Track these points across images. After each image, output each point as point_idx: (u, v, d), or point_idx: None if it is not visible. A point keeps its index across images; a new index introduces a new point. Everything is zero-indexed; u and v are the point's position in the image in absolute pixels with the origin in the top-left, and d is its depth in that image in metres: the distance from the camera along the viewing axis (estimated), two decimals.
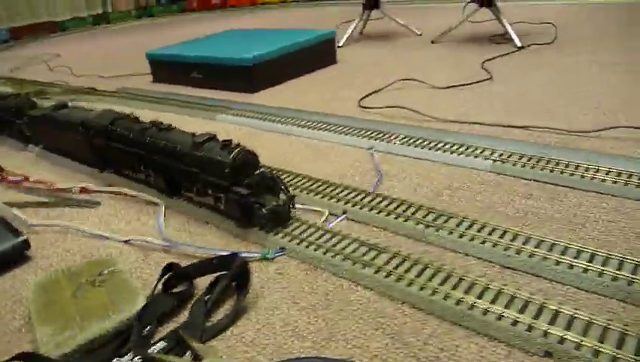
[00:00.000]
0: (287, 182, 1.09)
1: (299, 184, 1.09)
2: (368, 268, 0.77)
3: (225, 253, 0.83)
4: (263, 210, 0.89)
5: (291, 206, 0.94)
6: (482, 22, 2.61)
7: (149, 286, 0.80)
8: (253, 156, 0.93)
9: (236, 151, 0.91)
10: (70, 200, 1.19)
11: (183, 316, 0.74)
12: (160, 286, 0.78)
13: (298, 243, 0.86)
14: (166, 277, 0.78)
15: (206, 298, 0.74)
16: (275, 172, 1.03)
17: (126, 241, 0.96)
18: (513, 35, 2.19)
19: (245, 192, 0.89)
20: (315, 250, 0.84)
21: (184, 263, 0.83)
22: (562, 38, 2.20)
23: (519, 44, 2.14)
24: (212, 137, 0.98)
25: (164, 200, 1.08)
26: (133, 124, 1.14)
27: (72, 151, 1.37)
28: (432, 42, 2.49)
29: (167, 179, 1.08)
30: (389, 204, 0.95)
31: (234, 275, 0.75)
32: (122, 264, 0.88)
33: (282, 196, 0.94)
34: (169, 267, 0.80)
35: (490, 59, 1.96)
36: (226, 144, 0.93)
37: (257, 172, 0.92)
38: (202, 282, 0.79)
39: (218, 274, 0.79)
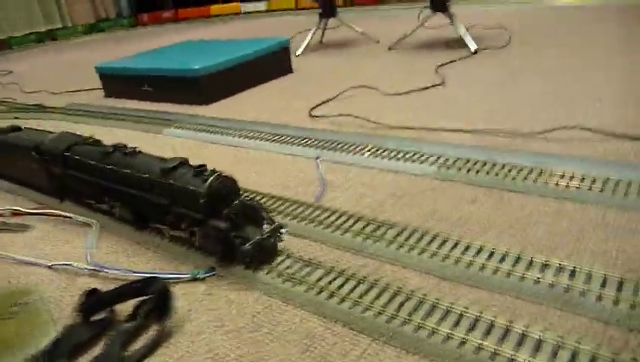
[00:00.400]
0: None
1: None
2: (300, 286, 0.73)
3: (151, 275, 0.77)
4: (247, 245, 0.76)
5: (278, 237, 0.82)
6: (439, 27, 2.62)
7: (69, 315, 0.75)
8: (231, 182, 0.82)
9: (212, 178, 0.79)
10: (1, 224, 1.12)
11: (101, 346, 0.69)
12: (78, 315, 0.72)
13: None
14: (84, 304, 0.73)
15: (125, 326, 0.69)
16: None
17: (50, 267, 0.90)
18: (468, 40, 2.19)
19: (224, 226, 0.78)
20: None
21: (111, 288, 0.77)
22: (516, 42, 2.22)
23: (474, 49, 2.14)
24: (183, 162, 0.86)
25: (100, 220, 1.02)
26: (93, 149, 1.02)
27: (27, 179, 1.24)
28: (389, 49, 2.48)
29: (134, 211, 0.96)
30: (329, 216, 0.92)
31: (155, 300, 0.70)
32: (44, 291, 0.82)
33: (266, 226, 0.81)
34: (89, 293, 0.74)
35: (444, 64, 1.96)
36: (200, 170, 0.82)
37: (237, 200, 0.81)
38: (127, 308, 0.74)
39: (141, 298, 0.73)
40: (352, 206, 0.97)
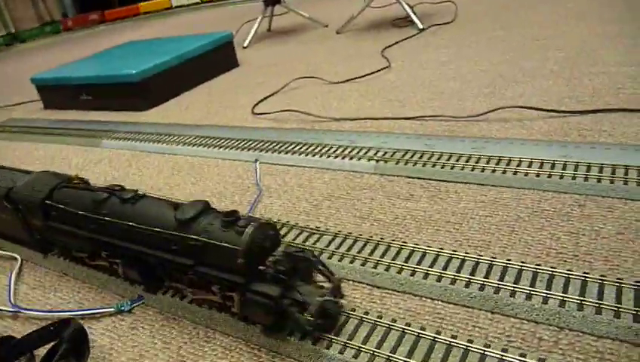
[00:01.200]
0: None
1: None
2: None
3: (69, 314, 0.73)
4: (306, 315, 0.60)
5: (339, 294, 0.65)
6: (386, 6, 2.57)
7: None
8: (273, 231, 0.65)
9: (251, 230, 0.61)
10: None
11: None
12: None
13: None
14: None
15: None
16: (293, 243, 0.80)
17: None
18: (414, 18, 2.15)
19: (275, 293, 0.61)
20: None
21: (30, 331, 0.72)
22: (462, 17, 2.19)
23: (420, 27, 2.10)
24: (206, 208, 0.68)
25: (23, 253, 0.97)
26: (82, 195, 0.82)
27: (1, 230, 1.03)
28: (337, 33, 2.43)
29: (142, 270, 0.76)
30: None
31: (70, 343, 0.66)
32: None
33: (320, 283, 0.66)
34: (2, 341, 0.69)
35: (389, 46, 1.92)
36: (232, 219, 0.63)
37: (280, 252, 0.65)
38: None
39: (57, 341, 0.69)
40: (287, 212, 0.93)
